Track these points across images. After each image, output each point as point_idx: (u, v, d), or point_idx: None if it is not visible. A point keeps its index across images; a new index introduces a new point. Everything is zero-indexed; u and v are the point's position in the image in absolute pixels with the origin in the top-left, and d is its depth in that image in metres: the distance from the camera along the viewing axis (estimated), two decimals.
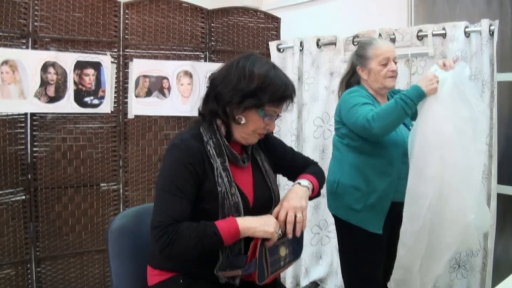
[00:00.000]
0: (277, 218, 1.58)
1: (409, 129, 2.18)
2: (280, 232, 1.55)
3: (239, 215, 1.54)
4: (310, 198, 1.72)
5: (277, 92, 1.55)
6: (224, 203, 1.53)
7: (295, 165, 1.86)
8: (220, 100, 1.56)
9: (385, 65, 2.20)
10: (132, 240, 1.79)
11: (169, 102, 3.21)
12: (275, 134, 3.56)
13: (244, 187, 1.61)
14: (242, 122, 1.57)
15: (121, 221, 1.81)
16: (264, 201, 1.68)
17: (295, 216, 1.57)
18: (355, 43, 3.12)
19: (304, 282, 3.39)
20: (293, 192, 1.64)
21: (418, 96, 1.95)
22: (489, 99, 2.51)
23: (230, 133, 1.63)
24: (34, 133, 2.85)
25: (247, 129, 1.60)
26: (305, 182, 1.69)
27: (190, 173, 1.50)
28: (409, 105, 1.94)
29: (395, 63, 2.23)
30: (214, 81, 1.60)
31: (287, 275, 3.42)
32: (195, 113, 2.23)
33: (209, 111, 1.60)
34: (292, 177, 1.83)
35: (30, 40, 2.80)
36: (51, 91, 2.85)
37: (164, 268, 1.62)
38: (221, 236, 1.44)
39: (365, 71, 2.26)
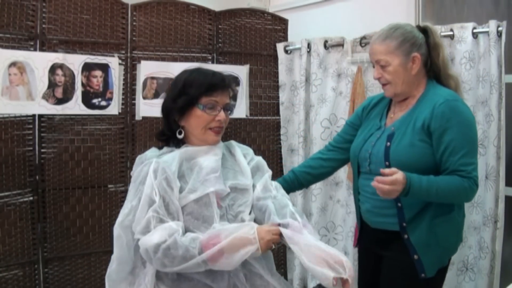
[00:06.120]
0: None
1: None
2: None
3: None
4: None
5: (203, 82, 1.66)
6: None
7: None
8: (164, 115, 1.72)
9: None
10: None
11: None
12: (282, 136, 3.56)
13: None
14: (182, 124, 1.69)
15: None
16: None
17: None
18: (363, 45, 3.12)
19: (311, 284, 3.38)
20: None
21: None
22: (497, 100, 2.49)
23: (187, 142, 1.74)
24: (42, 134, 2.86)
25: (196, 128, 1.69)
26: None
27: None
28: None
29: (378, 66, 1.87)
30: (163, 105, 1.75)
31: (294, 277, 3.42)
32: None
33: (161, 133, 1.77)
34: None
35: (38, 42, 2.82)
36: (59, 92, 2.87)
37: None
38: None
39: None
